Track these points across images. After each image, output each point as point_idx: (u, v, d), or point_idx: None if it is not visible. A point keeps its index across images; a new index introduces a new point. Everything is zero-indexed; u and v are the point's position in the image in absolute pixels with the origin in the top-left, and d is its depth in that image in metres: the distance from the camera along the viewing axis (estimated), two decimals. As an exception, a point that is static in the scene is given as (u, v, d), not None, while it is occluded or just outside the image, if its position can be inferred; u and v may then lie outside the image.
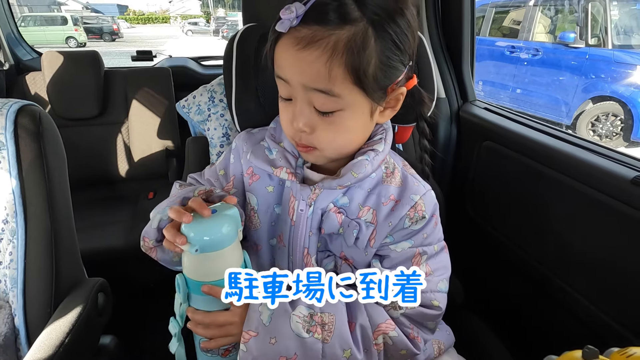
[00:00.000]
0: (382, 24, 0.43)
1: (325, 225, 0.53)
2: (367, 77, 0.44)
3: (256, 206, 0.58)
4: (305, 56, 0.43)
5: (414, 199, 0.52)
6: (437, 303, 0.53)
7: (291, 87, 0.46)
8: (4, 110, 0.62)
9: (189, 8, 35.97)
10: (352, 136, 0.51)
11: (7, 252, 0.63)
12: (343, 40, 0.42)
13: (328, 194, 0.53)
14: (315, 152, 0.50)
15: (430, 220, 0.54)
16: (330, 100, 0.45)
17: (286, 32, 0.44)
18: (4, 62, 1.53)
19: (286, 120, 0.50)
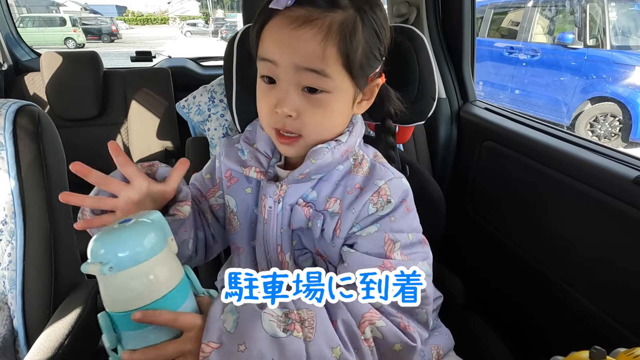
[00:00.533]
0: (367, 13, 0.46)
1: (293, 219, 0.53)
2: (355, 62, 0.46)
3: (235, 208, 0.58)
4: (300, 34, 0.43)
5: (378, 184, 0.51)
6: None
7: (278, 69, 0.46)
8: (2, 111, 0.62)
9: (188, 9, 35.98)
10: (337, 120, 0.51)
11: (5, 253, 0.63)
12: (337, 22, 0.44)
13: (296, 189, 0.52)
14: (298, 141, 0.49)
15: (399, 206, 0.51)
16: (320, 80, 0.45)
17: (278, 12, 0.44)
18: (3, 62, 1.52)
19: (268, 107, 0.48)
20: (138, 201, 0.47)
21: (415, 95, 0.69)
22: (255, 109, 0.67)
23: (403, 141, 0.81)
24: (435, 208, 0.79)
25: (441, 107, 1.06)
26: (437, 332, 0.65)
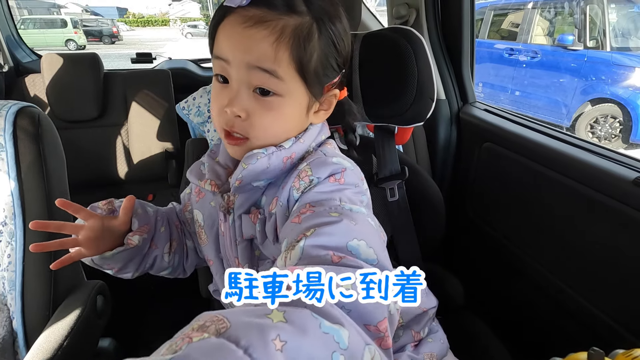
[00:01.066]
0: (325, 22, 0.46)
1: (243, 229, 0.51)
2: (309, 69, 0.46)
3: (202, 222, 0.58)
4: (253, 34, 0.43)
5: (300, 168, 0.47)
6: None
7: (230, 67, 0.45)
8: (2, 112, 0.62)
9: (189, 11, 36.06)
10: (288, 126, 0.49)
11: (5, 254, 0.63)
12: (291, 26, 0.44)
13: (247, 197, 0.51)
14: (245, 143, 0.48)
15: (324, 181, 0.46)
16: (272, 82, 0.44)
17: (233, 11, 0.44)
18: (4, 64, 1.53)
19: (219, 107, 0.47)
20: (96, 237, 0.51)
21: (414, 97, 0.69)
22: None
23: (402, 142, 0.81)
24: (435, 209, 0.79)
25: (441, 109, 1.06)
26: (430, 338, 0.64)
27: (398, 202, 0.75)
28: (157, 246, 0.58)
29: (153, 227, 0.57)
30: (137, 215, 0.55)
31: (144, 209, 0.57)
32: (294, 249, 0.37)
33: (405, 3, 1.10)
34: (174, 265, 0.62)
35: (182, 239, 0.63)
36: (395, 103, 0.70)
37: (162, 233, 0.59)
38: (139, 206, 0.57)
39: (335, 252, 0.37)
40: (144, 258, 0.57)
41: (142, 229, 0.55)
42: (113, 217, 0.54)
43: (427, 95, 0.69)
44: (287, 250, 0.39)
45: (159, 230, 0.58)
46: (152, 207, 0.60)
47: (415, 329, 0.62)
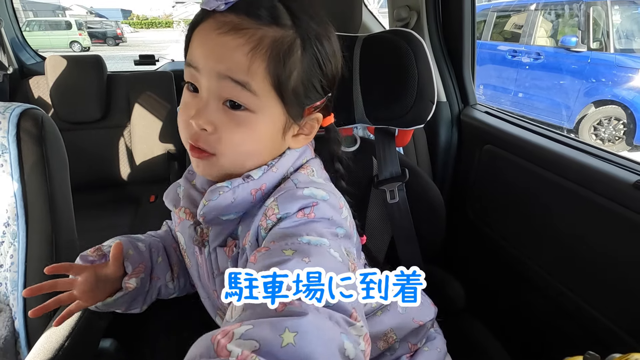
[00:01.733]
0: (310, 40, 0.42)
1: (220, 263, 0.48)
2: (287, 87, 0.42)
3: (184, 246, 0.55)
4: (226, 41, 0.39)
5: (267, 204, 0.43)
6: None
7: (200, 76, 0.42)
8: (6, 114, 0.63)
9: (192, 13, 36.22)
10: (259, 146, 0.44)
11: (8, 255, 0.64)
12: (269, 37, 0.40)
13: (221, 230, 0.46)
14: (210, 159, 0.44)
15: (292, 216, 0.41)
16: (243, 95, 0.41)
17: (211, 16, 0.41)
18: (8, 66, 1.54)
19: (184, 117, 0.43)
20: (91, 289, 0.50)
21: (414, 99, 0.69)
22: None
23: (402, 144, 0.81)
24: (436, 212, 0.79)
25: (441, 111, 1.06)
26: (426, 347, 0.62)
27: (398, 205, 0.75)
28: (158, 277, 0.56)
29: (149, 262, 0.55)
30: (129, 258, 0.52)
31: (135, 248, 0.54)
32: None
33: (406, 5, 1.10)
34: (181, 287, 0.61)
35: (183, 260, 0.60)
36: (395, 105, 0.70)
37: (160, 264, 0.57)
38: (130, 247, 0.53)
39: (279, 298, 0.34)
40: (148, 292, 0.56)
41: (138, 269, 0.52)
42: (105, 264, 0.51)
43: (428, 97, 0.70)
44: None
45: (156, 262, 0.56)
46: (144, 241, 0.57)
47: (412, 342, 0.61)
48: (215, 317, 0.57)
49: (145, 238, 0.59)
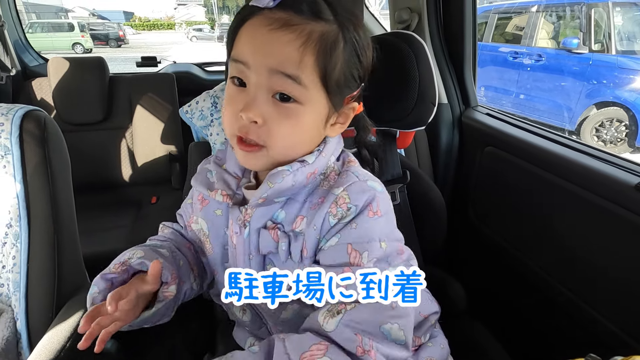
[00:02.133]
0: (350, 31, 0.45)
1: (262, 244, 0.49)
2: (332, 78, 0.44)
3: (208, 232, 0.55)
4: (278, 37, 0.41)
5: (336, 193, 0.46)
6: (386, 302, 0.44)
7: (249, 71, 0.43)
8: (9, 116, 0.63)
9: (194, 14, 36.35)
10: (305, 136, 0.47)
11: (10, 256, 0.64)
12: (317, 32, 0.42)
13: (264, 212, 0.49)
14: (260, 152, 0.45)
15: (362, 212, 0.46)
16: (294, 88, 0.43)
17: (258, 13, 0.43)
18: (11, 68, 1.55)
19: (233, 112, 0.45)
20: (131, 307, 0.48)
21: (415, 101, 0.69)
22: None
23: (404, 146, 0.81)
24: (437, 213, 0.79)
25: (443, 113, 1.06)
26: (430, 343, 0.62)
27: (400, 206, 0.75)
28: (184, 281, 0.54)
29: (177, 268, 0.54)
30: (165, 267, 0.51)
31: (162, 256, 0.53)
32: (333, 319, 0.42)
33: (407, 7, 1.11)
34: (203, 286, 0.60)
35: (198, 258, 0.59)
36: (396, 107, 0.70)
37: (183, 267, 0.55)
38: (157, 255, 0.52)
39: (361, 344, 0.41)
40: (177, 298, 0.54)
41: (173, 277, 0.52)
42: (143, 282, 0.49)
43: (429, 99, 0.70)
44: (330, 312, 0.43)
45: (180, 267, 0.55)
46: (165, 247, 0.56)
47: (416, 334, 0.61)
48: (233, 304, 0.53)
49: (164, 244, 0.57)
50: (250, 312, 0.57)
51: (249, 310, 0.57)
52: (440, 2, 1.07)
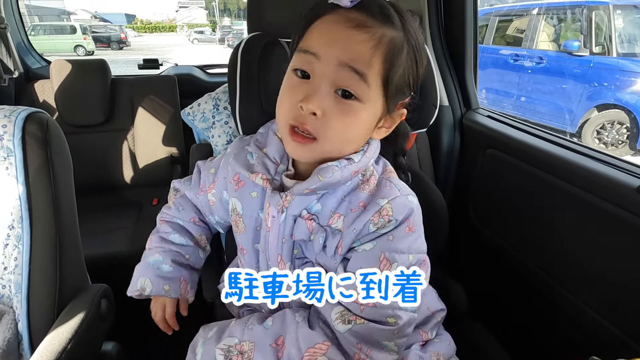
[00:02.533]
0: (413, 39, 0.47)
1: (296, 231, 0.52)
2: (393, 82, 0.46)
3: (241, 211, 0.57)
4: (353, 35, 0.44)
5: (380, 203, 0.49)
6: (393, 320, 0.48)
7: (318, 62, 0.45)
8: (12, 117, 0.63)
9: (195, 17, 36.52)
10: (357, 135, 0.49)
11: (12, 257, 0.64)
12: (388, 37, 0.45)
13: (301, 201, 0.51)
14: (312, 144, 0.47)
15: (401, 225, 0.49)
16: (359, 85, 0.45)
17: (334, 11, 0.45)
18: (14, 70, 1.56)
19: (292, 101, 0.46)
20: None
21: (416, 103, 0.69)
22: (257, 116, 0.68)
23: (405, 148, 0.81)
24: (438, 216, 0.79)
25: (444, 115, 1.06)
26: (437, 339, 0.64)
27: (400, 208, 0.75)
28: (194, 266, 0.67)
29: (189, 274, 0.65)
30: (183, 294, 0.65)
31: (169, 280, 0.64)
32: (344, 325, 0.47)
33: (408, 10, 1.11)
34: (211, 241, 0.71)
35: (202, 224, 0.68)
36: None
37: (192, 256, 0.66)
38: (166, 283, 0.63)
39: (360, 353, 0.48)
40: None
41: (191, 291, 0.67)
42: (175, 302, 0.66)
43: (430, 102, 0.70)
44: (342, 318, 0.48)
45: (190, 266, 0.66)
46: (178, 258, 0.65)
47: (423, 329, 0.62)
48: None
49: (181, 250, 0.65)
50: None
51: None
52: (441, 4, 1.08)
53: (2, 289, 0.65)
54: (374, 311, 0.47)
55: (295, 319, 0.50)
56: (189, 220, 0.67)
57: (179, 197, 0.69)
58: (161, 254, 0.64)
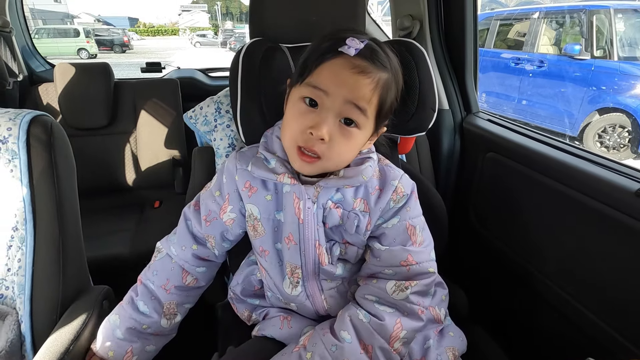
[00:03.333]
0: (397, 77, 0.58)
1: (329, 219, 0.60)
2: (383, 112, 0.57)
3: (259, 215, 0.63)
4: (359, 79, 0.53)
5: (394, 184, 0.61)
6: (432, 269, 0.61)
7: (327, 98, 0.53)
8: (17, 120, 0.64)
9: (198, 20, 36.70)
10: (354, 152, 0.60)
11: (15, 259, 0.65)
12: (383, 80, 0.55)
13: (326, 192, 0.60)
14: (317, 162, 0.56)
15: (411, 197, 0.63)
16: (360, 116, 0.55)
17: (341, 55, 0.53)
18: (18, 73, 1.57)
19: (301, 126, 0.55)
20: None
21: (415, 107, 0.70)
22: (258, 120, 0.69)
23: (405, 151, 0.82)
24: (438, 219, 0.79)
25: (444, 118, 1.07)
26: (451, 332, 0.67)
27: (400, 211, 0.75)
28: (160, 335, 0.68)
29: (139, 346, 0.65)
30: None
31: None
32: (403, 292, 0.59)
33: (409, 15, 1.12)
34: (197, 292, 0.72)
35: (180, 294, 0.68)
36: (397, 113, 0.71)
37: (147, 331, 0.66)
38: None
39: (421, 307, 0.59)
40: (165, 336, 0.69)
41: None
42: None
43: (429, 105, 0.71)
44: (399, 287, 0.59)
45: (146, 337, 0.66)
46: (134, 326, 0.65)
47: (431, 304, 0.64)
48: (284, 279, 0.65)
49: (134, 316, 0.65)
50: (301, 287, 0.64)
51: (300, 286, 0.64)
52: (442, 9, 1.09)
53: (5, 290, 0.66)
54: (421, 266, 0.60)
55: (360, 317, 0.58)
56: (160, 286, 0.66)
57: (158, 259, 0.69)
58: (120, 317, 0.65)
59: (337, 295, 0.65)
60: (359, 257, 0.65)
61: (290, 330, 0.66)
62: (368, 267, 0.62)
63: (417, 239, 0.61)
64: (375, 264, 0.61)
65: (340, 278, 0.65)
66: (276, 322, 0.67)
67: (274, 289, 0.67)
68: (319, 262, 0.61)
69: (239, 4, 33.55)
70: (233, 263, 0.77)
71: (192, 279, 0.68)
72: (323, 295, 0.65)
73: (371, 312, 0.58)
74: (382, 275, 0.61)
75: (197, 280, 0.69)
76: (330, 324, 0.60)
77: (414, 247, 0.61)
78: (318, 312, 0.66)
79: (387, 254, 0.60)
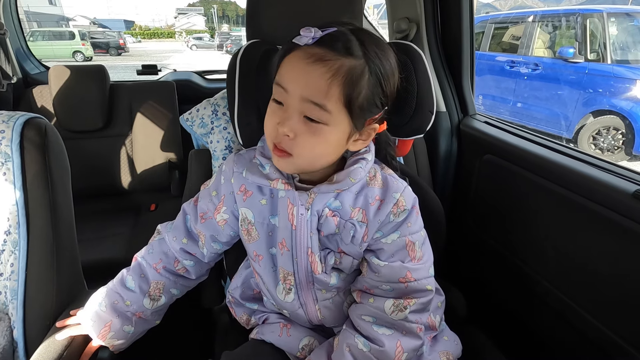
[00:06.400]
0: (376, 65, 0.52)
1: (324, 227, 0.59)
2: (355, 104, 0.51)
3: (253, 219, 0.62)
4: (312, 70, 0.49)
5: (396, 197, 0.59)
6: (430, 287, 0.60)
7: (287, 95, 0.51)
8: (10, 123, 0.63)
9: (194, 23, 36.71)
10: (328, 150, 0.55)
11: (8, 263, 0.63)
12: (346, 66, 0.49)
13: (321, 198, 0.58)
14: (289, 159, 0.54)
15: (412, 212, 0.60)
16: (320, 113, 0.50)
17: (299, 47, 0.51)
18: (13, 75, 1.56)
19: (272, 123, 0.54)
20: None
21: (413, 110, 0.70)
22: (255, 122, 0.69)
23: (403, 154, 0.81)
24: (436, 221, 0.79)
25: (441, 121, 1.07)
26: (445, 336, 0.66)
27: (398, 214, 0.75)
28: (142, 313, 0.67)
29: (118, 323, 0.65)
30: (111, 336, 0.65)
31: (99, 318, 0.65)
32: (402, 312, 0.58)
33: (405, 17, 1.12)
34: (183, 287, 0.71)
35: (169, 279, 0.68)
36: (395, 116, 0.71)
37: (130, 308, 0.66)
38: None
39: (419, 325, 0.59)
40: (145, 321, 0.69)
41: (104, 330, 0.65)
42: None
43: (427, 108, 0.70)
44: (398, 308, 0.58)
45: (126, 315, 0.66)
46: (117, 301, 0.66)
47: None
48: (277, 285, 0.64)
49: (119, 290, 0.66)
50: (294, 294, 0.63)
51: (293, 293, 0.63)
52: (438, 12, 1.09)
53: (-3, 295, 0.65)
54: (419, 283, 0.58)
55: (360, 347, 0.56)
56: (152, 264, 0.68)
57: (156, 240, 0.70)
58: (107, 291, 0.66)
59: (333, 307, 0.64)
60: (354, 268, 0.63)
61: (288, 338, 0.65)
62: (364, 281, 0.61)
63: (416, 255, 0.60)
64: (373, 279, 0.59)
65: (335, 288, 0.63)
66: (275, 329, 0.67)
67: (267, 294, 0.67)
68: (311, 270, 0.60)
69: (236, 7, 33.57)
70: (230, 266, 0.76)
71: (181, 267, 0.69)
72: (317, 305, 0.64)
73: (370, 336, 0.57)
74: (378, 292, 0.59)
75: (187, 271, 0.69)
76: (327, 352, 0.60)
77: (413, 264, 0.59)
78: (311, 321, 0.66)
79: (387, 270, 0.58)
